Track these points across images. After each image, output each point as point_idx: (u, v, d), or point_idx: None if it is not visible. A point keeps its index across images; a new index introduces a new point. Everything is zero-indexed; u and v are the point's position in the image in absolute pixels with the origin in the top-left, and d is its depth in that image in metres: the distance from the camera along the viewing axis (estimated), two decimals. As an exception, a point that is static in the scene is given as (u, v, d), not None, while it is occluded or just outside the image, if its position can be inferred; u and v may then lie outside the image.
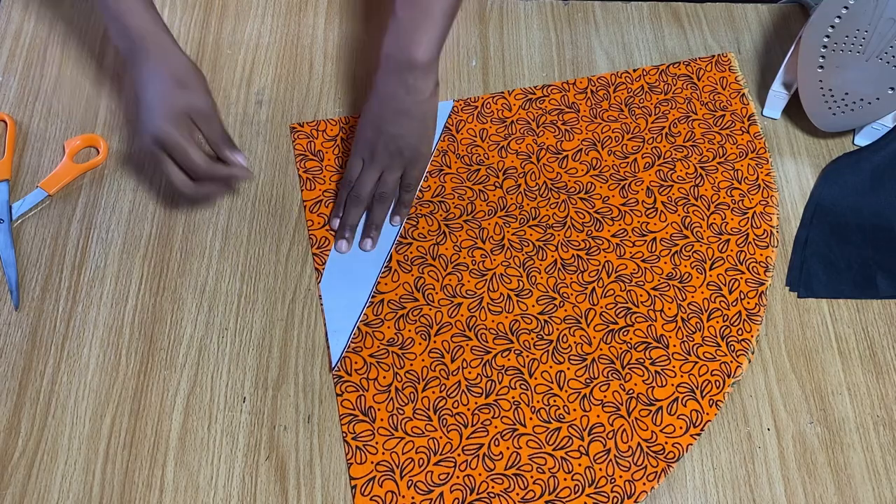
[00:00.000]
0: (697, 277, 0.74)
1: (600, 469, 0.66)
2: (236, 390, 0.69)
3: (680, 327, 0.72)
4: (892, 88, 0.75)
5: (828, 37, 0.74)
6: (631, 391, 0.69)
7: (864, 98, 0.76)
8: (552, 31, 0.90)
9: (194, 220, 0.77)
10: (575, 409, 0.68)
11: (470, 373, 0.70)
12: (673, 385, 0.69)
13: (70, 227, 0.76)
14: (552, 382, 0.69)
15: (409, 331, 0.71)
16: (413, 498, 0.64)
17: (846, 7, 0.71)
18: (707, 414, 0.68)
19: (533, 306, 0.73)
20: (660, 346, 0.71)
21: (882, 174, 0.80)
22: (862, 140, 0.83)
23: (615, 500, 0.64)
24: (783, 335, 0.73)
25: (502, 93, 0.84)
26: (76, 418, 0.67)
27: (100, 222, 0.77)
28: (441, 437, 0.67)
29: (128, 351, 0.70)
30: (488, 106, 0.84)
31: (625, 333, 0.72)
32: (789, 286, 0.75)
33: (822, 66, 0.76)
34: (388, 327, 0.72)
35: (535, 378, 0.69)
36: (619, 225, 0.77)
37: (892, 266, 0.75)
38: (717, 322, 0.72)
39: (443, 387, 0.69)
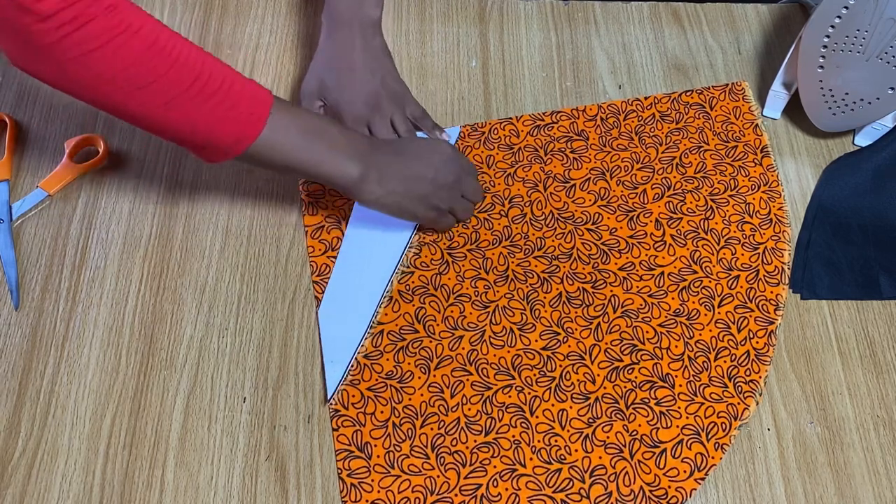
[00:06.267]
0: (706, 314, 0.72)
1: None
2: (236, 390, 0.69)
3: (686, 366, 0.70)
4: (892, 88, 0.75)
5: (828, 37, 0.74)
6: (634, 432, 0.67)
7: (864, 98, 0.76)
8: (552, 31, 0.90)
9: (194, 220, 0.77)
10: (576, 450, 0.66)
11: (469, 409, 0.68)
12: (678, 427, 0.67)
13: (70, 227, 0.76)
14: (554, 421, 0.67)
15: (409, 364, 0.70)
16: None
17: (846, 7, 0.71)
18: (712, 458, 0.66)
19: (536, 341, 0.71)
20: (665, 385, 0.69)
21: (883, 174, 0.80)
22: (862, 140, 0.83)
23: None
24: (783, 335, 0.72)
25: (510, 118, 0.83)
26: (76, 418, 0.67)
27: (100, 222, 0.77)
28: (438, 476, 0.65)
29: (128, 351, 0.70)
30: (495, 132, 0.82)
31: (630, 371, 0.70)
32: (792, 288, 0.75)
33: (822, 66, 0.76)
34: (388, 360, 0.70)
35: (537, 416, 0.68)
36: (627, 258, 0.75)
37: (894, 266, 0.75)
38: (725, 362, 0.70)
39: (441, 423, 0.67)
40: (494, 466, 0.66)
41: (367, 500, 0.64)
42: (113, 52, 0.54)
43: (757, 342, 0.71)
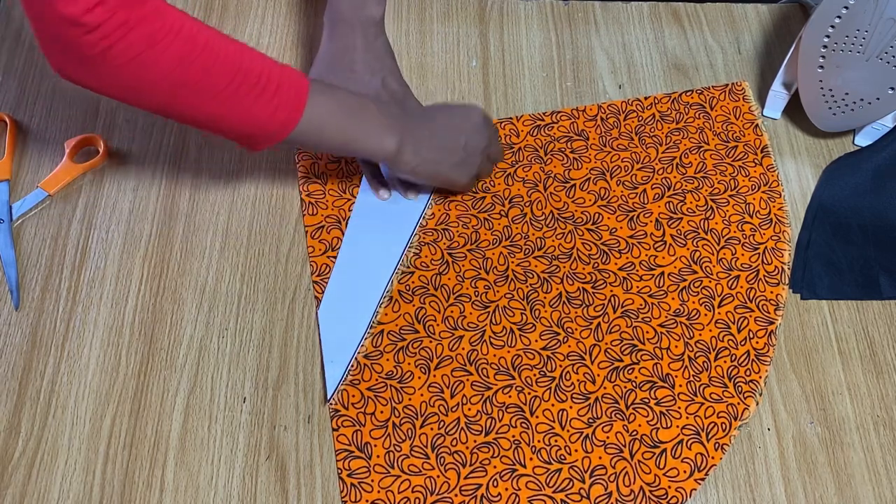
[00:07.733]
0: (706, 315, 0.72)
1: None
2: (236, 390, 0.69)
3: (686, 366, 0.70)
4: (892, 88, 0.75)
5: (828, 37, 0.74)
6: (634, 432, 0.67)
7: (864, 98, 0.76)
8: (552, 31, 0.90)
9: (194, 220, 0.77)
10: (576, 450, 0.66)
11: (469, 409, 0.68)
12: (678, 427, 0.67)
13: (70, 227, 0.76)
14: (553, 421, 0.67)
15: (409, 364, 0.70)
16: None
17: (846, 7, 0.71)
18: (712, 458, 0.66)
19: (536, 341, 0.71)
20: (665, 385, 0.69)
21: (883, 174, 0.80)
22: (862, 140, 0.83)
23: None
24: (783, 335, 0.72)
25: (510, 118, 0.83)
26: (76, 418, 0.67)
27: (100, 222, 0.77)
28: (438, 477, 0.65)
29: (128, 351, 0.70)
30: None
31: (630, 371, 0.70)
32: (792, 288, 0.75)
33: (822, 66, 0.76)
34: (388, 360, 0.70)
35: (537, 416, 0.68)
36: (627, 258, 0.75)
37: (894, 266, 0.75)
38: (725, 362, 0.70)
39: (441, 423, 0.67)
40: (494, 466, 0.66)
41: (367, 500, 0.64)
42: (157, 56, 0.54)
43: (757, 342, 0.71)
